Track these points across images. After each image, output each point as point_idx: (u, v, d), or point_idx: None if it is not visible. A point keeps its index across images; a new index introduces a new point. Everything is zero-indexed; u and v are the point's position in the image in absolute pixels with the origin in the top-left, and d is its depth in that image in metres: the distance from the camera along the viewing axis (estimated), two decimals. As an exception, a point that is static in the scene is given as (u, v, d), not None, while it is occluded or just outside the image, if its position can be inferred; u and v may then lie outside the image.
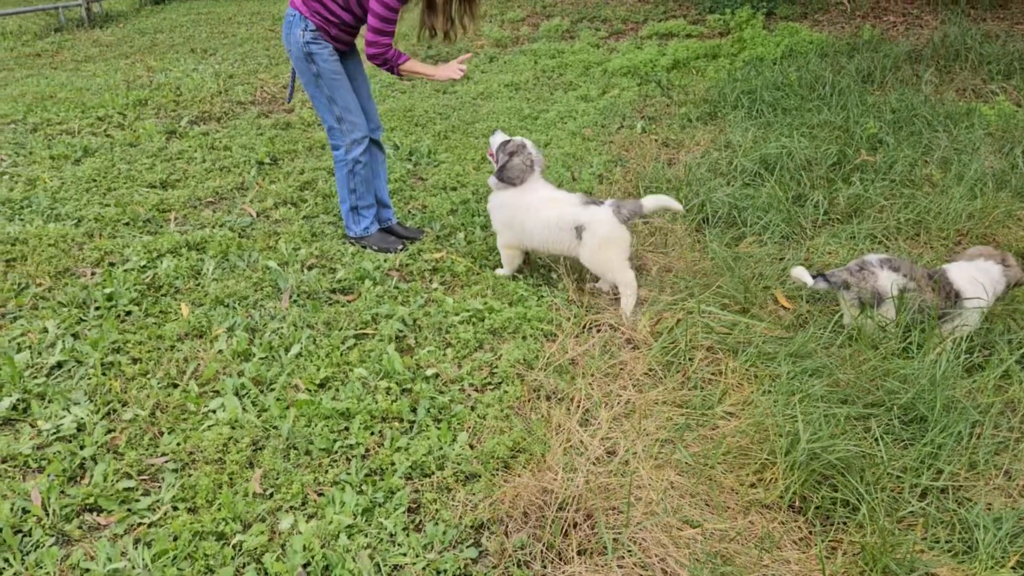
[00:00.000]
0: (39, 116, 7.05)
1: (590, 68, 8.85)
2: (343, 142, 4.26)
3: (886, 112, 6.09)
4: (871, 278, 3.39)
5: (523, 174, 3.92)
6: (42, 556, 2.40)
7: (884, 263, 3.41)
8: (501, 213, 4.01)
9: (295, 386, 3.25)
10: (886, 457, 2.65)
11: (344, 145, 4.26)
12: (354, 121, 4.22)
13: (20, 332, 3.59)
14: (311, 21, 3.97)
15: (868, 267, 3.42)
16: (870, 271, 3.41)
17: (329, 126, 4.27)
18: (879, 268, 3.40)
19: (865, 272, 3.41)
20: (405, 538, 2.50)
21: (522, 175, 3.92)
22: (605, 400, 3.13)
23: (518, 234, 3.97)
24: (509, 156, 3.94)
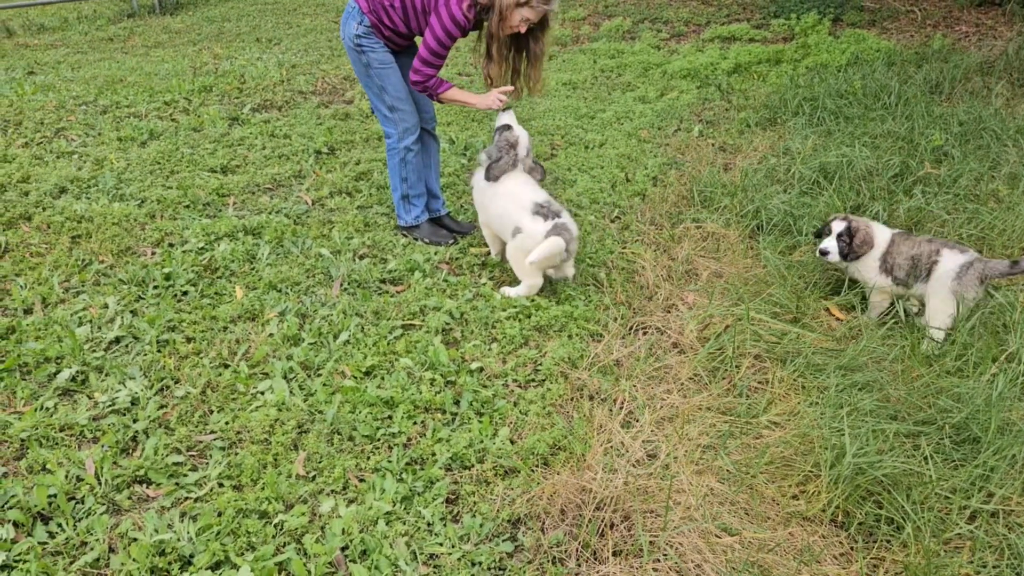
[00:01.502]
0: (109, 99, 7.27)
1: (649, 69, 8.79)
2: (395, 130, 4.30)
3: (953, 124, 5.92)
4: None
5: (504, 173, 4.02)
6: (93, 523, 2.48)
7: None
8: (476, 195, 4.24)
9: (342, 372, 3.31)
10: (935, 476, 2.59)
11: (396, 133, 4.30)
12: (405, 110, 4.26)
13: (82, 307, 3.71)
14: (367, 17, 4.02)
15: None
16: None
17: (382, 115, 4.32)
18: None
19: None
20: (442, 528, 2.52)
21: (503, 174, 4.02)
22: (648, 403, 3.12)
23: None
24: (499, 154, 4.02)
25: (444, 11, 3.85)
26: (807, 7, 10.19)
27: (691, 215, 4.83)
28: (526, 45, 4.09)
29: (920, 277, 3.65)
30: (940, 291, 3.55)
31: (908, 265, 3.68)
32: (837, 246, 3.78)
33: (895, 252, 3.73)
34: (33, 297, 3.77)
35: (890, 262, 3.74)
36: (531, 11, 3.82)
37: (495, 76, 4.11)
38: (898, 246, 3.74)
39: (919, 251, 3.66)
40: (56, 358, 3.31)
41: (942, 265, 3.57)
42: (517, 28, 3.88)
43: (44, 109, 6.88)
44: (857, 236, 3.74)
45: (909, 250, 3.69)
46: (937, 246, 3.64)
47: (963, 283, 3.51)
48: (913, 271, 3.67)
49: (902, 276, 3.71)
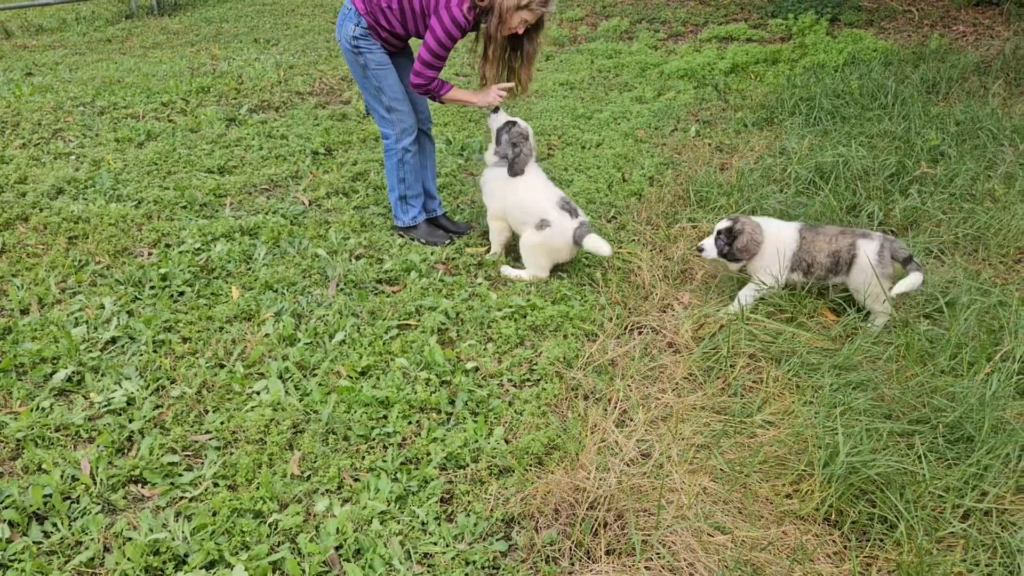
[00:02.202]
0: (107, 100, 7.27)
1: (647, 69, 8.79)
2: (393, 131, 4.31)
3: (950, 124, 5.93)
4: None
5: (526, 164, 4.10)
6: (88, 523, 2.48)
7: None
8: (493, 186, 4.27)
9: (337, 372, 3.31)
10: (928, 475, 2.60)
11: (394, 134, 4.31)
12: (403, 111, 4.27)
13: (78, 307, 3.72)
14: (364, 19, 4.03)
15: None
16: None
17: (379, 116, 4.32)
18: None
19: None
20: (436, 527, 2.53)
21: (525, 165, 4.10)
22: (643, 402, 3.12)
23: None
24: (516, 148, 4.08)
25: (444, 13, 3.86)
26: (804, 7, 10.20)
27: (687, 215, 4.83)
28: (520, 45, 4.11)
29: (841, 271, 3.68)
30: (869, 279, 3.59)
31: (830, 262, 3.68)
32: (715, 245, 3.77)
33: (812, 250, 3.70)
34: (30, 298, 3.77)
35: (807, 260, 3.71)
36: (530, 13, 3.85)
37: (491, 77, 4.13)
38: (813, 243, 3.71)
39: (838, 246, 3.66)
40: (52, 358, 3.32)
41: (862, 255, 3.60)
42: (515, 30, 3.90)
43: (42, 110, 6.88)
44: (740, 239, 3.71)
45: (828, 246, 3.68)
46: (850, 237, 3.66)
47: (883, 264, 3.58)
48: (835, 267, 3.68)
49: (823, 274, 3.71)
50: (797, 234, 3.75)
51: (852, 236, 3.67)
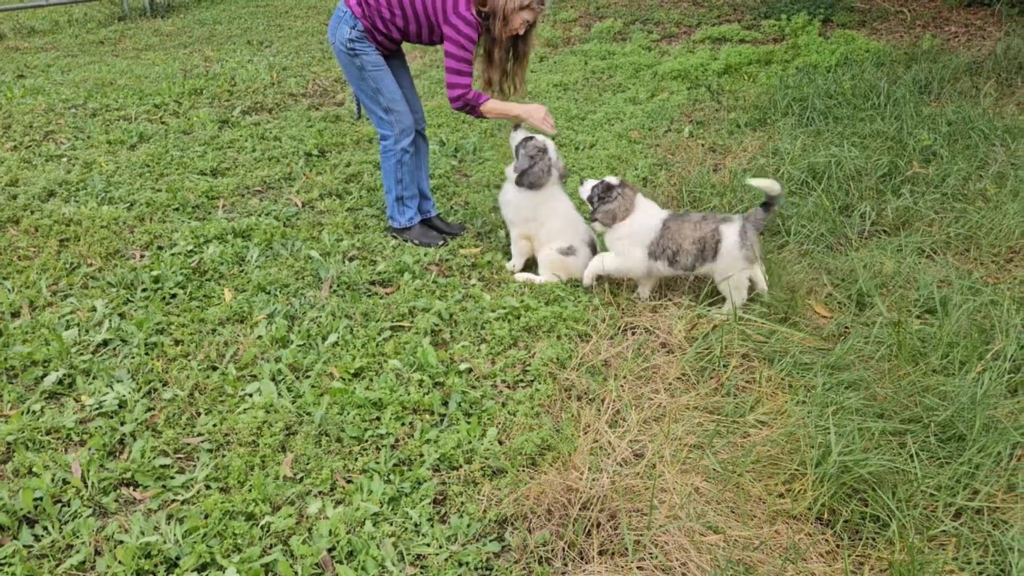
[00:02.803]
0: (99, 102, 7.25)
1: (640, 71, 8.81)
2: (392, 132, 4.31)
3: (942, 124, 5.95)
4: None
5: (541, 180, 3.98)
6: (79, 526, 2.47)
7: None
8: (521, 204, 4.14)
9: (330, 374, 3.31)
10: (920, 474, 2.60)
11: (393, 135, 4.31)
12: (401, 111, 4.27)
13: (70, 310, 3.71)
14: (361, 23, 4.03)
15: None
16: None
17: (377, 117, 4.32)
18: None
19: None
20: (429, 529, 2.52)
21: (540, 181, 3.98)
22: (635, 403, 3.12)
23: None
24: (532, 160, 3.97)
25: (455, 19, 3.91)
26: (797, 8, 10.23)
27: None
28: (515, 45, 4.14)
29: (708, 258, 3.70)
30: (735, 264, 3.65)
31: (696, 250, 3.70)
32: (591, 190, 3.86)
33: (678, 238, 3.71)
34: (21, 300, 3.76)
35: (671, 248, 3.73)
36: (531, 12, 3.92)
37: (496, 80, 4.20)
38: (678, 231, 3.72)
39: (703, 233, 3.67)
40: (43, 361, 3.31)
41: (726, 240, 3.64)
42: (518, 30, 3.97)
43: (33, 112, 6.86)
44: (608, 203, 3.77)
45: (694, 233, 3.69)
46: (713, 223, 3.68)
47: (748, 244, 3.62)
48: (702, 254, 3.70)
49: (689, 262, 3.73)
50: (660, 223, 3.76)
51: (715, 222, 3.69)
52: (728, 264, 3.67)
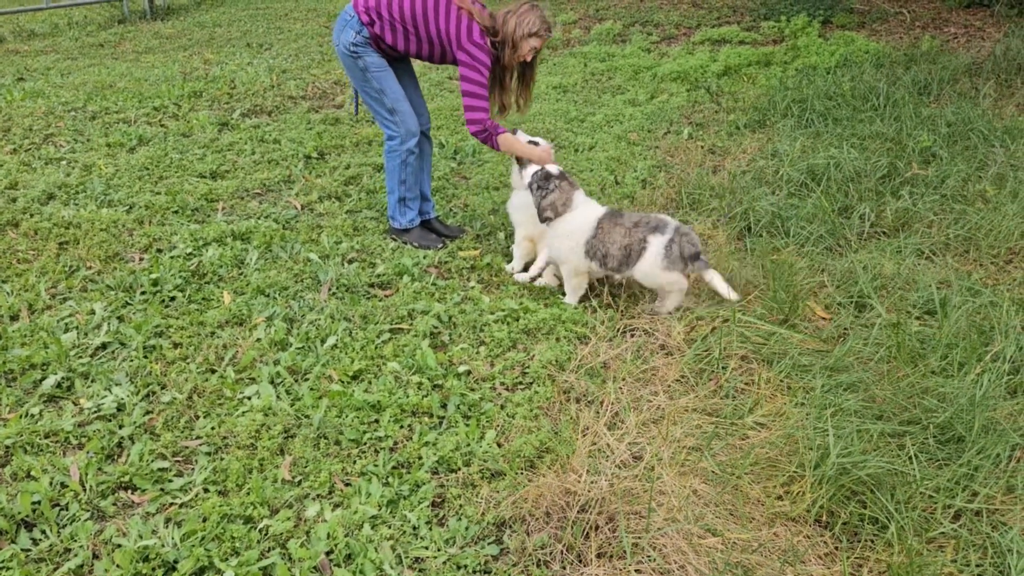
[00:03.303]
0: (98, 104, 7.26)
1: (640, 72, 8.81)
2: (399, 132, 4.31)
3: (941, 125, 5.95)
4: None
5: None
6: (77, 530, 2.47)
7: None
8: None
9: (329, 377, 3.30)
10: (919, 476, 2.60)
11: (400, 135, 4.31)
12: (406, 111, 4.29)
13: (69, 313, 3.71)
14: (367, 30, 4.04)
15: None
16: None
17: (383, 119, 4.32)
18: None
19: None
20: (428, 531, 2.52)
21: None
22: (634, 405, 3.12)
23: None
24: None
25: (469, 46, 3.98)
26: (797, 9, 10.24)
27: (680, 217, 4.84)
28: (522, 70, 4.25)
29: (632, 263, 3.70)
30: (654, 275, 3.65)
31: (622, 255, 3.69)
32: (532, 177, 3.86)
33: (606, 240, 3.71)
34: (19, 304, 3.76)
35: (601, 251, 3.72)
36: (539, 40, 4.04)
37: (508, 104, 4.30)
38: (609, 234, 3.71)
39: (631, 239, 3.66)
40: (42, 364, 3.30)
41: (650, 250, 3.63)
42: (526, 57, 4.06)
43: (33, 115, 6.87)
44: (548, 195, 3.77)
45: (622, 239, 3.68)
46: (644, 231, 3.65)
47: (669, 260, 3.61)
48: (626, 259, 3.69)
49: (616, 266, 3.72)
50: (595, 222, 3.74)
51: (646, 230, 3.66)
52: (647, 273, 3.66)
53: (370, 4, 4.02)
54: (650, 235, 3.65)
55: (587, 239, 3.73)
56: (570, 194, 3.79)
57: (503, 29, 3.99)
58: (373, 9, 4.02)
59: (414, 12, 4.00)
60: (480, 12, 4.01)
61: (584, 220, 3.76)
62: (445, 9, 3.98)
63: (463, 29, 3.97)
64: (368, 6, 4.03)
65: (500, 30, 4.00)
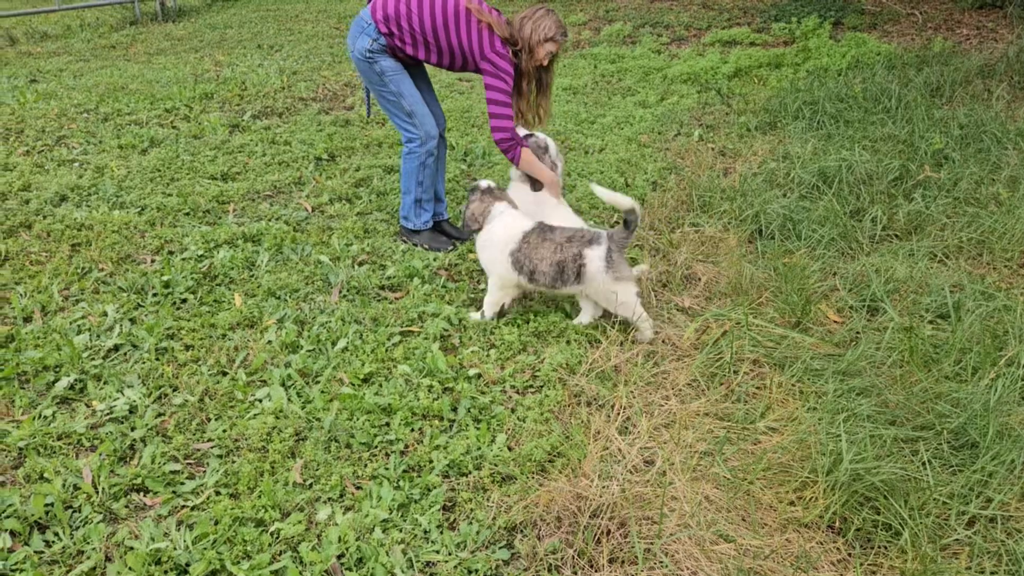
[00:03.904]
0: (110, 106, 7.29)
1: (650, 74, 8.80)
2: (418, 134, 4.32)
3: (953, 127, 5.92)
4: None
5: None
6: (90, 532, 2.48)
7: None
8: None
9: (340, 379, 3.31)
10: (933, 482, 2.58)
11: (420, 137, 4.32)
12: (424, 112, 4.30)
13: (81, 315, 3.72)
14: (384, 39, 4.06)
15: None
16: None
17: (402, 121, 4.33)
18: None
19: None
20: (439, 535, 2.52)
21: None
22: (646, 409, 3.11)
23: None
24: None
25: (492, 55, 4.01)
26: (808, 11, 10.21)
27: (690, 220, 4.83)
28: (538, 76, 4.25)
29: (569, 281, 3.59)
30: (606, 286, 3.54)
31: (554, 272, 3.58)
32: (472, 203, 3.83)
33: (534, 256, 3.60)
34: (32, 305, 3.78)
35: (528, 266, 3.62)
36: (554, 45, 4.07)
37: (524, 110, 4.30)
38: (536, 249, 3.60)
39: (563, 256, 3.56)
40: (55, 366, 3.32)
41: (591, 264, 3.53)
42: (542, 62, 4.09)
43: (46, 117, 6.90)
44: (469, 205, 3.77)
45: (552, 255, 3.58)
46: (578, 246, 3.55)
47: (614, 267, 3.52)
48: (561, 276, 3.59)
49: (548, 282, 3.62)
50: (520, 235, 3.65)
51: (579, 244, 3.55)
52: (599, 287, 3.56)
53: (389, 14, 4.03)
54: (585, 249, 3.54)
55: (511, 251, 3.63)
56: (490, 205, 3.76)
57: (520, 35, 4.01)
58: (392, 20, 4.03)
59: (435, 25, 4.01)
60: (499, 23, 4.02)
61: (506, 231, 3.68)
62: (466, 22, 4.00)
63: (484, 40, 4.00)
64: (387, 16, 4.04)
65: (518, 37, 4.02)
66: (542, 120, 4.40)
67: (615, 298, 3.54)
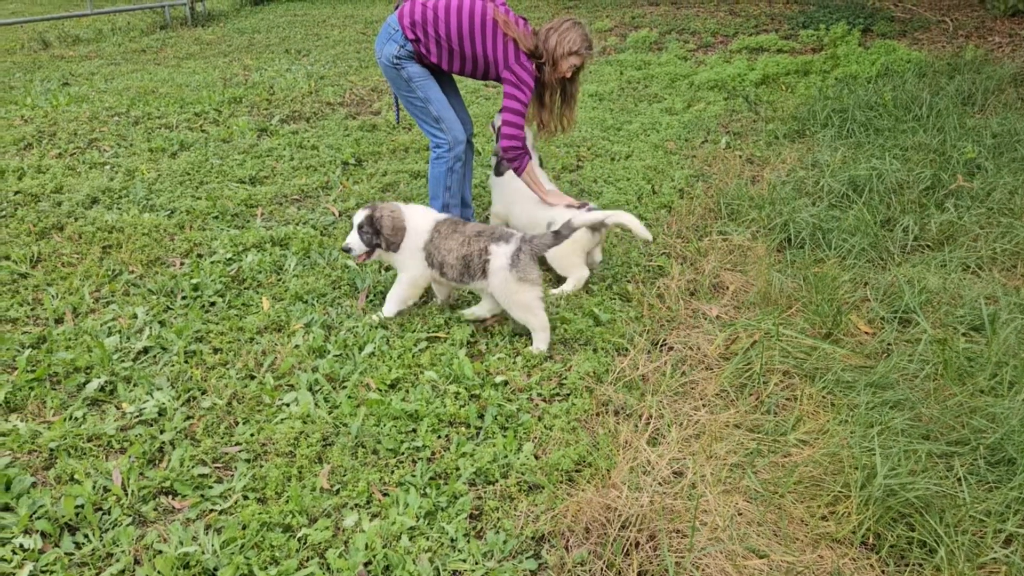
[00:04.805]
0: (141, 110, 7.37)
1: (676, 80, 8.76)
2: (447, 139, 4.33)
3: (986, 136, 5.83)
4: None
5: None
6: (119, 535, 2.49)
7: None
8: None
9: (366, 385, 3.31)
10: (969, 499, 2.53)
11: (448, 142, 4.32)
12: (452, 118, 4.31)
13: (112, 317, 3.75)
14: (411, 45, 4.07)
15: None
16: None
17: (430, 127, 4.34)
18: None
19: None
20: (466, 544, 2.51)
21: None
22: (675, 419, 3.08)
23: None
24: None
25: (515, 66, 4.03)
26: (836, 18, 10.11)
27: (718, 228, 4.79)
28: (563, 88, 4.28)
29: (476, 276, 3.57)
30: (510, 287, 3.50)
31: (461, 266, 3.57)
32: (360, 239, 3.64)
33: (442, 248, 3.61)
34: (64, 307, 3.82)
35: (437, 259, 3.62)
36: (578, 58, 4.10)
37: (547, 121, 4.35)
38: (444, 241, 3.60)
39: (469, 250, 3.54)
40: (85, 368, 3.35)
41: (495, 261, 3.50)
42: (565, 74, 4.13)
43: (78, 120, 6.99)
44: (384, 224, 3.61)
45: (460, 248, 3.56)
46: (484, 241, 3.53)
47: (520, 269, 3.46)
48: (467, 271, 3.57)
49: (456, 276, 3.61)
50: (431, 226, 3.64)
51: (487, 239, 3.53)
52: (502, 286, 3.51)
53: (416, 19, 4.04)
54: (492, 245, 3.51)
55: (424, 243, 3.64)
56: (395, 210, 3.67)
57: (545, 47, 4.03)
58: (419, 26, 4.04)
59: (460, 32, 4.02)
60: (524, 35, 4.02)
61: (420, 222, 3.68)
62: (492, 32, 4.01)
63: (510, 52, 4.01)
64: (414, 21, 4.05)
65: (543, 49, 4.03)
66: (566, 129, 4.43)
67: (515, 298, 3.52)
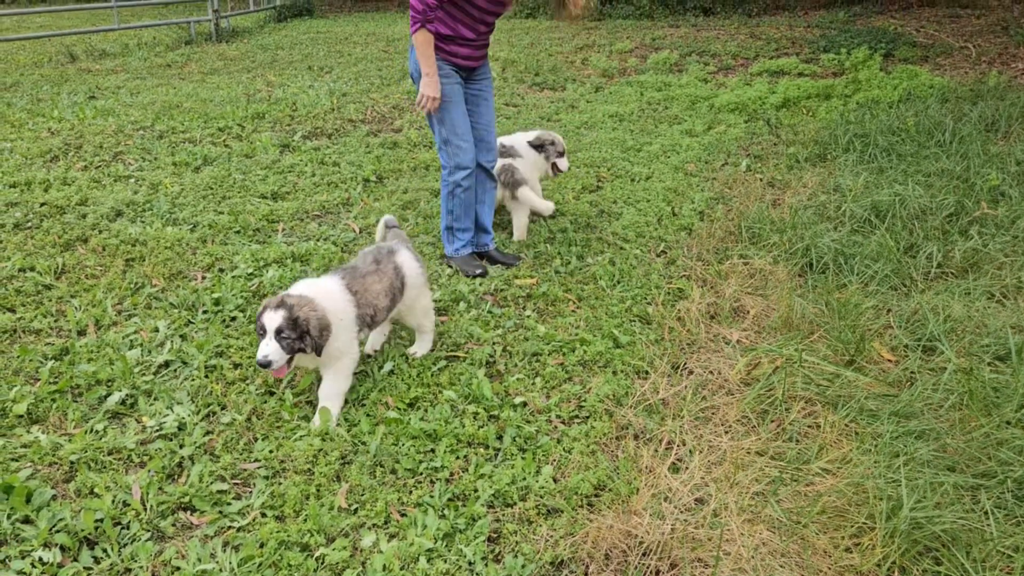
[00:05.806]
0: (165, 124, 7.45)
1: (696, 103, 8.76)
2: (447, 163, 4.34)
3: (1010, 163, 5.79)
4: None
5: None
6: (137, 550, 2.48)
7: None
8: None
9: (385, 403, 3.30)
10: (996, 533, 2.49)
11: (448, 166, 4.34)
12: (460, 145, 4.29)
13: (133, 330, 3.77)
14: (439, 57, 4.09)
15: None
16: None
17: (438, 146, 4.37)
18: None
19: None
20: (484, 568, 2.48)
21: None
22: (696, 445, 3.05)
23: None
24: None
25: None
26: (857, 42, 10.11)
27: (738, 251, 4.77)
28: None
29: (398, 297, 3.47)
30: (421, 289, 3.57)
31: (388, 298, 3.38)
32: (281, 347, 2.93)
33: (369, 296, 3.28)
34: (87, 319, 3.84)
35: (368, 312, 3.28)
36: None
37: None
38: (367, 291, 3.28)
39: (386, 275, 3.38)
40: (107, 381, 3.36)
41: (408, 269, 3.50)
42: None
43: (103, 133, 7.07)
44: (310, 322, 2.97)
45: (380, 282, 3.34)
46: (389, 261, 3.45)
47: (421, 263, 3.60)
48: (392, 298, 3.41)
49: (384, 316, 3.41)
50: (341, 289, 3.20)
51: (387, 257, 3.44)
52: (415, 292, 3.54)
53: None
54: (395, 257, 3.47)
55: (354, 311, 3.21)
56: (310, 302, 3.03)
57: None
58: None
59: None
60: None
61: (336, 295, 3.18)
62: None
63: None
64: (428, 4, 3.95)
65: None
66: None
67: (422, 301, 3.57)
